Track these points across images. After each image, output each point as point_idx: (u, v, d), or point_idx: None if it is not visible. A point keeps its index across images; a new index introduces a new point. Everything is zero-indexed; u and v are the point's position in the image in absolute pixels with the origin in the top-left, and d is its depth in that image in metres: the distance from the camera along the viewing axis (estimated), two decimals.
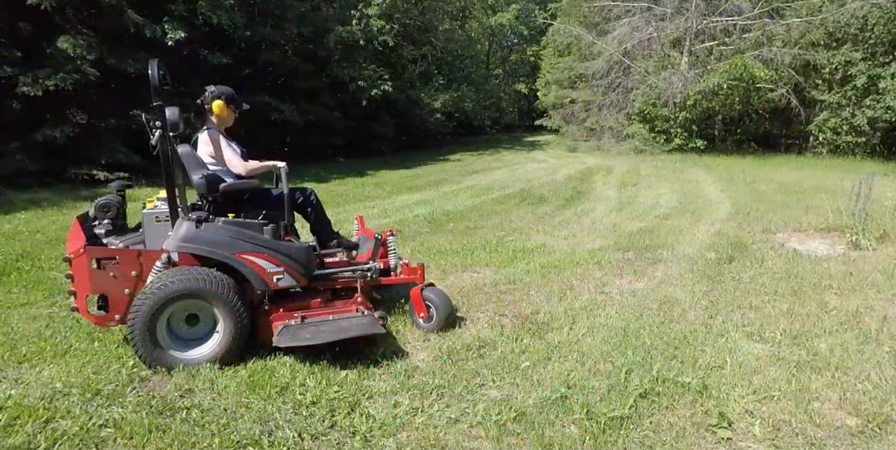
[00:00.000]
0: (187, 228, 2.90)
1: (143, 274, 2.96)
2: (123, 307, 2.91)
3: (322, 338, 2.91)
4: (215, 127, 3.42)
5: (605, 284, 4.38)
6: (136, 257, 2.95)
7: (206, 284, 2.78)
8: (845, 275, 4.53)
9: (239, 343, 2.89)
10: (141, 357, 2.78)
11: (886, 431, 2.37)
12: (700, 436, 2.32)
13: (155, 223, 3.12)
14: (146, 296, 2.72)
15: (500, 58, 37.49)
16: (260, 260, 2.98)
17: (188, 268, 2.89)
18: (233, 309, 2.83)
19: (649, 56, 18.27)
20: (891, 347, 3.20)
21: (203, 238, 2.90)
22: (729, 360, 2.97)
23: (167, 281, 2.74)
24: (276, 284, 3.04)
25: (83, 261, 2.84)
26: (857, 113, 16.78)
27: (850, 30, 16.29)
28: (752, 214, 6.86)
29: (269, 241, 3.04)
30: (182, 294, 2.75)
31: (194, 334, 2.94)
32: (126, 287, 2.94)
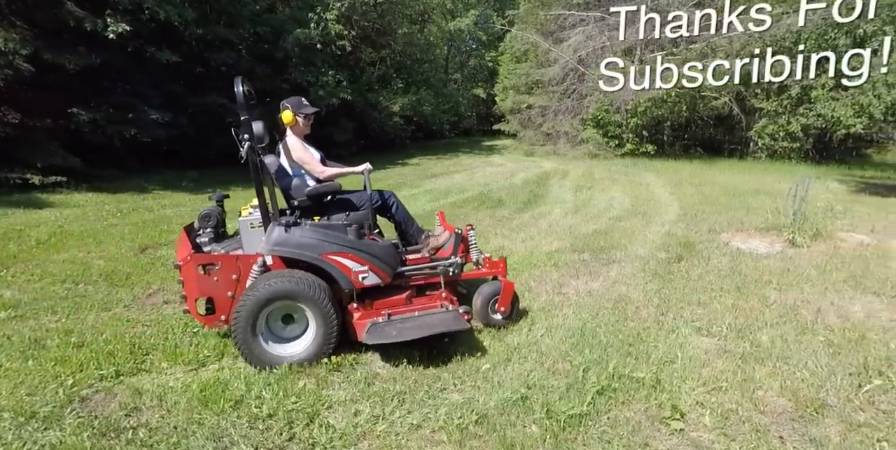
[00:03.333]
0: (278, 233, 3.06)
1: (242, 278, 3.13)
2: (227, 309, 3.09)
3: (408, 335, 2.99)
4: (294, 135, 3.56)
5: (562, 284, 4.47)
6: (234, 262, 3.14)
7: (295, 285, 2.91)
8: (783, 271, 4.80)
9: (330, 341, 3.00)
10: (245, 357, 2.93)
11: (822, 414, 2.53)
12: (655, 428, 2.40)
13: (250, 230, 3.27)
14: (244, 299, 2.88)
15: (459, 63, 37.77)
16: (345, 260, 3.10)
17: (280, 271, 3.05)
18: (322, 309, 2.95)
19: None
20: (825, 336, 3.41)
21: (292, 241, 3.05)
22: (680, 354, 3.09)
23: (261, 284, 2.90)
24: (362, 283, 3.15)
25: (190, 267, 3.05)
26: (791, 120, 17.89)
27: (785, 43, 17.39)
28: (698, 216, 7.16)
29: (353, 241, 3.15)
30: (274, 297, 2.88)
31: (290, 333, 3.08)
32: (228, 290, 3.13)
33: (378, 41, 19.57)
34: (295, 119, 3.50)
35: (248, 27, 14.09)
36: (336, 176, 3.56)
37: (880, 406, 2.60)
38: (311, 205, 3.43)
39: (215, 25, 13.17)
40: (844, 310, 3.92)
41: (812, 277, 4.63)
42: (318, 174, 3.52)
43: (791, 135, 18.11)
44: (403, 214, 3.71)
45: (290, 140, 3.55)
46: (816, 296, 4.20)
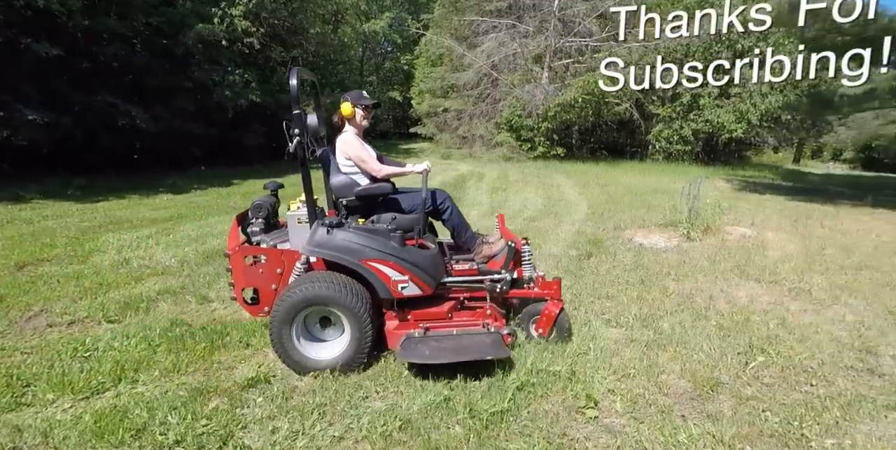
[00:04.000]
0: (320, 234, 2.96)
1: (286, 272, 3.11)
2: (271, 301, 3.05)
3: (441, 357, 2.85)
4: (352, 130, 3.40)
5: None
6: (279, 257, 3.12)
7: (332, 291, 2.81)
8: (680, 263, 5.24)
9: (364, 349, 2.90)
10: (279, 356, 2.88)
11: (717, 392, 2.78)
12: (571, 418, 2.51)
13: (297, 225, 3.19)
14: (282, 300, 2.82)
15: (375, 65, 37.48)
16: (385, 268, 2.95)
17: (319, 273, 2.97)
18: (358, 317, 2.85)
19: (515, 70, 19.53)
20: (716, 321, 3.76)
21: (333, 244, 2.93)
22: (592, 346, 3.25)
23: (299, 287, 2.83)
24: (401, 293, 3.00)
25: (238, 258, 3.10)
26: (683, 125, 19.70)
27: (676, 55, 19.11)
28: (605, 214, 7.62)
29: (396, 248, 2.99)
30: (310, 301, 2.83)
31: (328, 336, 3.02)
32: (272, 283, 3.15)
33: (289, 40, 18.87)
34: (354, 112, 3.35)
35: (143, 19, 13.00)
36: (392, 176, 3.38)
37: (764, 380, 2.91)
38: (359, 205, 3.30)
39: (104, 16, 12.04)
40: (732, 296, 4.35)
41: (704, 268, 5.09)
42: (374, 173, 3.32)
43: (684, 138, 19.94)
44: (457, 219, 3.47)
45: (346, 136, 3.37)
46: (708, 284, 4.63)
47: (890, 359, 3.27)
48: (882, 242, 6.59)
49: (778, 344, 3.38)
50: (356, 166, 3.34)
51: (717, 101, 19.25)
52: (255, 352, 3.19)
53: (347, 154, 3.33)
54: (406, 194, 3.41)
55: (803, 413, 2.57)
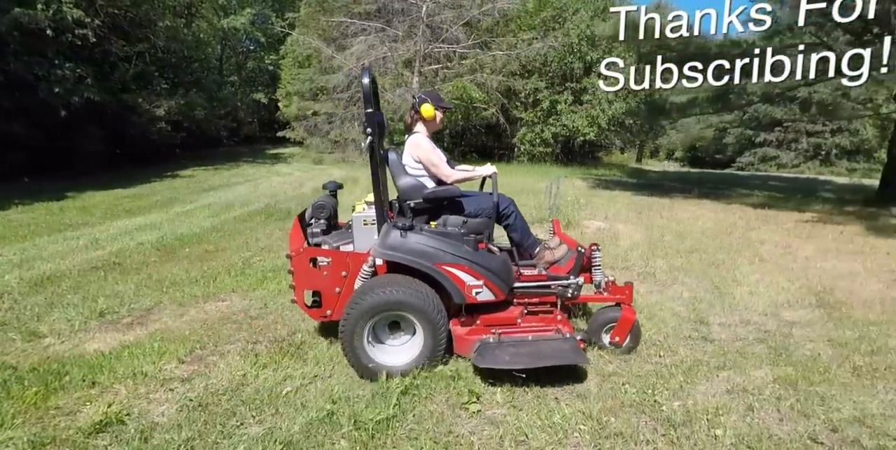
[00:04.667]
0: (393, 237, 2.90)
1: (350, 275, 3.05)
2: (334, 304, 3.09)
3: (522, 363, 2.80)
4: (423, 132, 3.36)
5: None
6: (345, 259, 3.07)
7: (410, 296, 2.79)
8: None
9: (436, 356, 2.91)
10: (350, 361, 2.86)
11: (585, 375, 3.01)
12: (456, 415, 2.57)
13: (363, 227, 3.15)
14: (356, 302, 2.78)
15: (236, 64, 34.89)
16: (460, 272, 2.90)
17: (393, 276, 2.92)
18: (434, 322, 2.84)
19: (385, 74, 19.58)
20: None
21: (407, 247, 2.87)
22: None
23: (376, 290, 2.78)
24: (475, 298, 2.95)
25: (302, 260, 3.05)
26: (544, 129, 21.38)
27: (536, 64, 20.71)
28: None
29: (470, 252, 2.94)
30: (387, 306, 2.79)
31: (395, 341, 3.00)
32: (336, 286, 3.10)
33: (133, 33, 16.78)
34: (435, 114, 3.29)
35: None
36: (463, 181, 3.31)
37: (622, 357, 3.23)
38: (426, 207, 3.21)
39: None
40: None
41: None
42: (444, 178, 3.26)
43: (545, 141, 21.64)
44: (521, 225, 3.37)
45: (418, 138, 3.31)
46: None
47: (718, 327, 3.84)
48: (706, 228, 7.75)
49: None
50: (424, 169, 3.29)
51: (572, 107, 21.19)
52: (102, 390, 2.79)
53: (417, 156, 3.28)
54: (470, 198, 3.31)
55: (654, 382, 2.91)
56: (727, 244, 6.59)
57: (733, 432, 2.45)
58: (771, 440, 2.40)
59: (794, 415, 2.63)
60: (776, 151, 29.59)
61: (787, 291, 4.72)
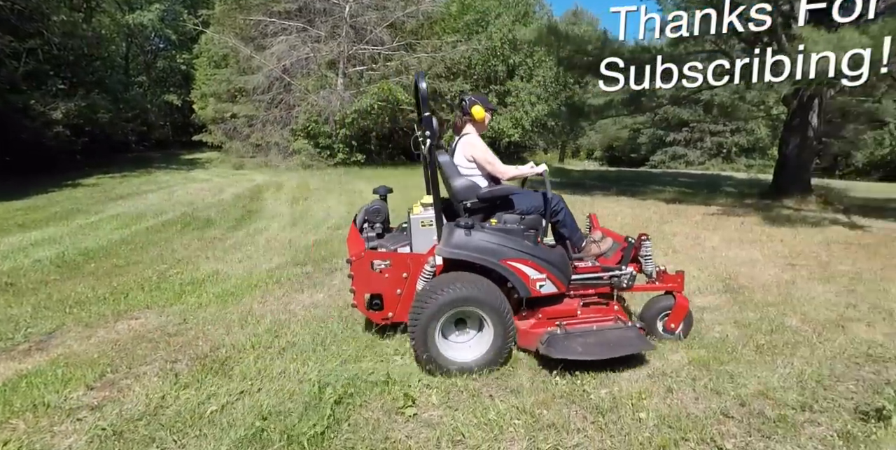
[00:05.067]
0: (458, 236, 2.96)
1: (412, 276, 3.12)
2: (395, 306, 3.16)
3: (595, 353, 2.91)
4: (474, 133, 3.44)
5: (288, 302, 4.32)
6: (406, 261, 3.13)
7: (481, 292, 2.88)
8: None
9: (505, 351, 2.98)
10: (421, 358, 2.91)
11: (517, 368, 3.09)
12: (392, 421, 2.53)
13: (421, 228, 3.18)
14: (427, 300, 2.83)
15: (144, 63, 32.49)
16: (524, 267, 3.01)
17: (459, 274, 2.98)
18: (502, 316, 2.91)
19: (308, 75, 19.06)
20: None
21: (472, 245, 2.95)
22: (407, 346, 3.32)
23: (444, 287, 2.84)
24: (539, 291, 3.05)
25: (363, 263, 3.12)
26: None
27: (461, 67, 21.02)
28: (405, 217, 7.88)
29: (532, 247, 3.06)
30: (459, 302, 2.85)
31: (460, 338, 3.06)
32: (398, 287, 3.17)
33: (22, 28, 15.08)
34: (485, 116, 3.40)
35: None
36: (517, 177, 3.45)
37: None
38: (482, 206, 3.27)
39: None
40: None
41: None
42: (500, 175, 3.37)
43: None
44: (570, 221, 3.49)
45: (472, 138, 3.42)
46: None
47: None
48: (625, 223, 8.20)
49: None
50: (476, 168, 3.38)
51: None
52: None
53: (472, 156, 3.38)
54: (521, 196, 3.40)
55: (582, 372, 3.02)
56: None
57: (655, 414, 2.60)
58: (689, 419, 2.57)
59: (708, 393, 2.84)
60: (684, 150, 32.02)
61: (697, 279, 5.10)
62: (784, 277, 5.24)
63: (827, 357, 3.32)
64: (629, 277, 3.37)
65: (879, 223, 8.79)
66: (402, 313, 3.21)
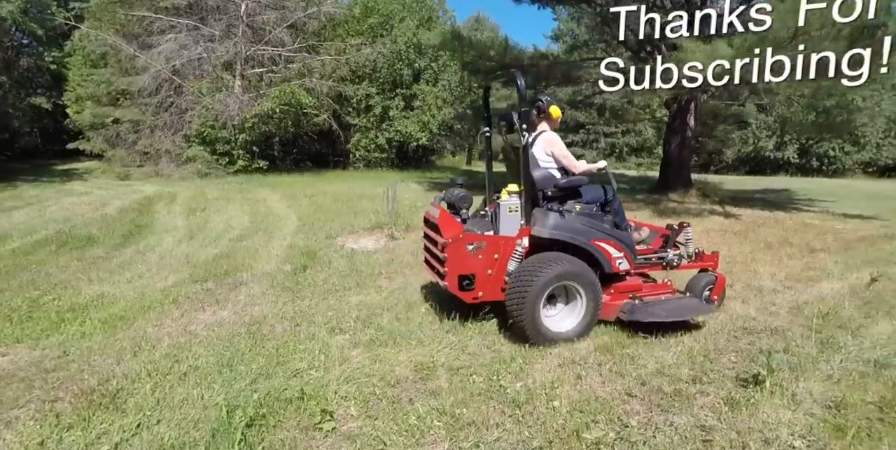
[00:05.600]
0: (554, 218, 3.45)
1: (502, 257, 3.47)
2: (486, 286, 3.46)
3: (674, 316, 3.52)
4: (549, 130, 3.86)
5: (187, 322, 3.99)
6: (498, 243, 3.48)
7: (578, 268, 3.39)
8: (389, 262, 5.70)
9: (594, 321, 3.49)
10: (526, 330, 3.29)
11: (435, 371, 3.11)
12: (310, 437, 2.43)
13: (508, 213, 3.53)
14: (533, 277, 3.24)
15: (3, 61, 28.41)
16: (608, 246, 3.53)
17: (552, 253, 3.44)
18: (595, 289, 3.41)
19: (202, 76, 17.83)
20: (426, 308, 4.21)
21: (567, 226, 3.46)
22: (322, 358, 3.24)
23: (545, 265, 3.29)
24: (618, 268, 3.56)
25: (460, 245, 3.39)
26: (378, 135, 21.56)
27: (366, 70, 20.75)
28: (315, 225, 7.68)
29: (612, 229, 3.59)
30: (562, 277, 3.32)
31: (551, 312, 3.50)
32: (489, 268, 3.47)
33: None
34: (560, 114, 3.83)
35: None
36: (587, 172, 3.78)
37: (468, 350, 3.38)
38: (559, 195, 3.67)
39: None
40: (434, 283, 4.94)
41: (410, 263, 5.66)
42: (575, 169, 3.76)
43: (380, 147, 21.83)
44: (621, 210, 3.92)
45: (550, 135, 3.81)
46: (415, 277, 5.16)
47: None
48: None
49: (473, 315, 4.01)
50: (553, 162, 3.79)
51: (403, 112, 21.73)
52: None
53: (551, 151, 3.78)
54: (587, 187, 3.82)
55: (498, 368, 3.11)
56: None
57: (567, 401, 2.74)
58: (597, 401, 2.74)
59: (613, 376, 3.04)
60: (582, 150, 34.14)
61: None
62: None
63: (711, 333, 3.69)
64: (678, 257, 4.12)
65: (748, 212, 9.95)
66: (489, 293, 3.54)
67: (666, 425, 2.54)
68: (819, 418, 2.59)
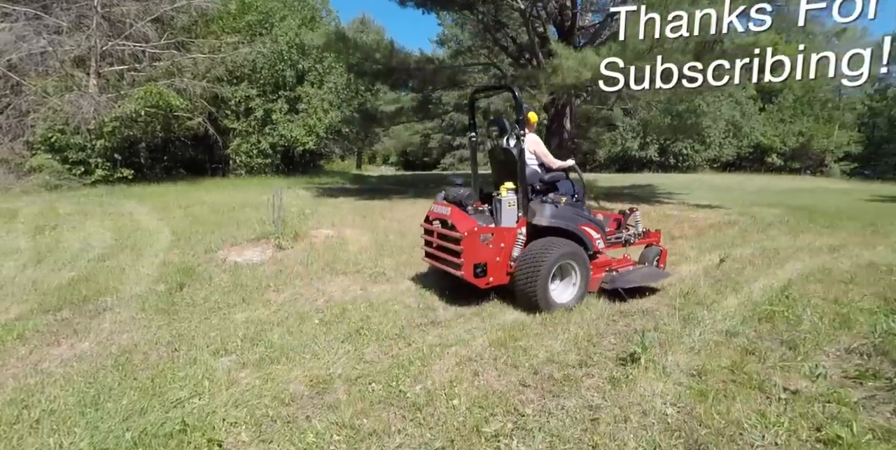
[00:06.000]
0: (550, 209, 4.20)
1: (507, 245, 4.09)
2: (495, 272, 4.06)
3: (646, 281, 4.56)
4: (530, 132, 4.52)
5: (38, 360, 3.42)
6: (504, 233, 4.07)
7: (576, 249, 4.19)
8: (277, 273, 5.40)
9: (585, 292, 4.30)
10: (539, 302, 3.98)
11: (332, 384, 3.00)
12: None
13: (508, 207, 4.10)
14: (542, 258, 3.94)
15: None
16: (590, 230, 4.40)
17: (550, 239, 4.13)
18: (586, 265, 4.25)
19: (47, 73, 15.55)
20: (319, 319, 4.06)
21: (561, 215, 4.24)
22: (206, 384, 2.97)
23: (550, 248, 4.00)
24: (598, 247, 4.47)
25: (474, 238, 3.95)
26: (261, 139, 20.39)
27: (245, 70, 19.48)
28: (192, 238, 7.03)
29: (589, 216, 4.51)
30: (565, 256, 4.08)
31: (552, 286, 4.11)
32: (497, 256, 4.06)
33: None
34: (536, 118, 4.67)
35: None
36: (562, 167, 4.59)
37: (366, 358, 3.31)
38: (544, 189, 4.50)
39: None
40: (328, 293, 4.79)
41: (300, 273, 5.41)
42: (554, 166, 4.59)
43: (263, 152, 20.65)
44: (584, 200, 4.69)
45: (532, 137, 4.51)
46: (305, 287, 4.95)
47: (443, 310, 4.29)
48: None
49: (369, 322, 3.95)
50: (536, 159, 4.51)
51: (288, 116, 20.78)
52: None
53: (536, 150, 4.49)
54: (562, 182, 4.62)
55: (397, 373, 3.08)
56: None
57: (466, 398, 2.79)
58: (495, 395, 2.82)
59: (508, 368, 3.15)
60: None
61: None
62: None
63: (593, 319, 3.98)
64: (634, 236, 5.00)
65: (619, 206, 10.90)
66: (498, 278, 4.12)
67: (558, 409, 2.68)
68: (686, 385, 2.91)
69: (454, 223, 4.08)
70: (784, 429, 2.47)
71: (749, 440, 2.40)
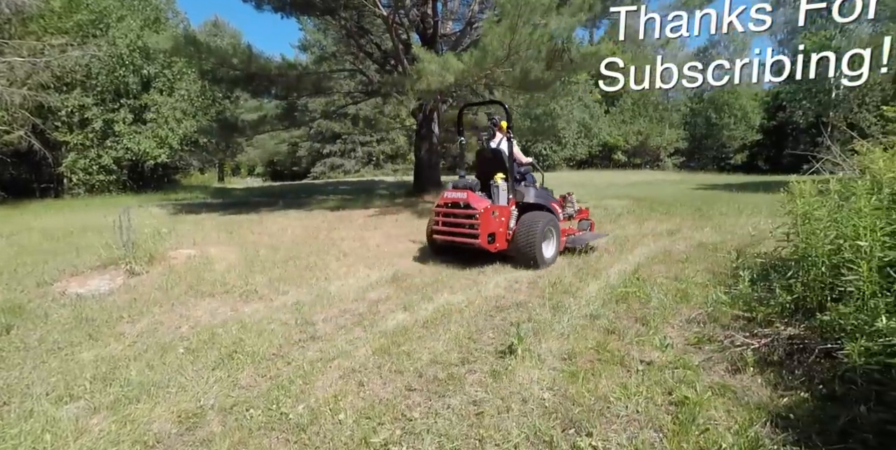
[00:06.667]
0: (534, 191, 6.01)
1: (506, 219, 5.66)
2: (500, 239, 5.58)
3: (594, 239, 6.60)
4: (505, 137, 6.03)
5: None
6: (504, 210, 5.63)
7: (553, 219, 5.88)
8: (132, 302, 4.81)
9: (559, 250, 6.01)
10: (537, 259, 5.48)
11: (204, 416, 2.76)
12: None
13: (501, 191, 5.72)
14: (535, 226, 5.51)
15: None
16: (556, 206, 6.27)
17: (537, 212, 5.81)
18: (559, 231, 5.96)
19: None
20: (185, 347, 3.71)
21: (541, 196, 6.03)
22: (48, 438, 2.56)
23: (542, 219, 5.62)
24: (562, 219, 6.30)
25: (488, 213, 5.48)
26: (102, 153, 17.98)
27: (77, 76, 16.95)
28: (20, 271, 5.99)
29: (553, 197, 6.39)
30: (552, 224, 5.76)
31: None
32: (501, 227, 5.59)
33: None
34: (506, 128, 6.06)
35: None
36: (527, 162, 6.35)
37: (242, 383, 3.09)
38: (520, 178, 6.18)
39: None
40: (193, 317, 4.39)
41: (158, 299, 4.88)
42: (522, 160, 6.22)
43: (106, 168, 18.28)
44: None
45: (507, 139, 5.94)
46: (167, 314, 4.48)
47: (322, 323, 4.15)
48: (296, 235, 8.30)
49: (242, 344, 3.69)
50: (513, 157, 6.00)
51: (133, 127, 18.60)
52: None
53: (511, 150, 5.94)
54: (528, 174, 6.43)
55: (277, 395, 2.92)
56: (316, 247, 7.25)
57: (353, 411, 2.73)
58: (381, 404, 2.80)
59: (393, 375, 3.14)
60: (341, 160, 34.79)
61: (368, 276, 5.58)
62: (435, 261, 6.24)
63: (472, 316, 4.13)
64: (574, 212, 6.65)
65: None
66: (501, 244, 5.63)
67: (444, 408, 2.74)
68: (559, 369, 3.14)
69: (472, 203, 5.57)
70: (643, 397, 2.76)
71: (615, 412, 2.66)
